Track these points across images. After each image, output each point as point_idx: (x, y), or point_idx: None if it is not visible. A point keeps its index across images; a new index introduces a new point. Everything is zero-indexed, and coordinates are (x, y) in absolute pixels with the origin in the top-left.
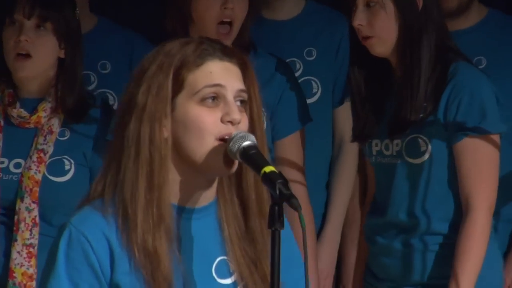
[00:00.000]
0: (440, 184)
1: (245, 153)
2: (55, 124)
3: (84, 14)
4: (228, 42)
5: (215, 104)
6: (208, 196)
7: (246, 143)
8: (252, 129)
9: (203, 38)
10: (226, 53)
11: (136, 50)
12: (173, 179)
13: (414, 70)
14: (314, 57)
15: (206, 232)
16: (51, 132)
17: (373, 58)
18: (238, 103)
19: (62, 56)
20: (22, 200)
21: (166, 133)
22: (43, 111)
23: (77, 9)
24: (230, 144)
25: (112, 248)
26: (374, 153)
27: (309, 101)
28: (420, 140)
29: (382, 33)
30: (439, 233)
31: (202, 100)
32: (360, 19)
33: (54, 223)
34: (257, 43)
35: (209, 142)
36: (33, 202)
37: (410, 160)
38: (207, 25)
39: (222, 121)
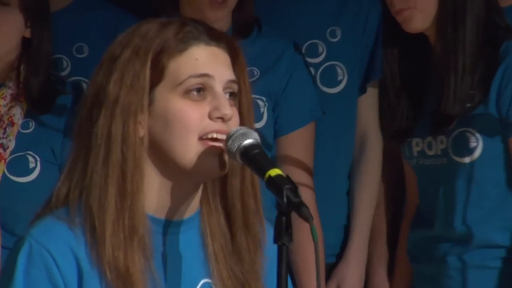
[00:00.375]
0: (497, 186)
1: (247, 153)
2: (17, 114)
3: None
4: (223, 15)
5: (202, 96)
6: (191, 206)
7: (248, 141)
8: (240, 125)
9: (185, 19)
10: (213, 36)
11: (121, 32)
12: (150, 185)
13: (458, 51)
14: (339, 38)
15: (188, 249)
16: (12, 123)
17: (410, 38)
18: (227, 95)
19: (28, 35)
20: None
21: (142, 130)
22: (2, 99)
23: None
24: (229, 143)
25: (81, 265)
26: (415, 154)
27: (333, 90)
28: (468, 135)
29: (420, 4)
30: (500, 245)
31: (186, 92)
32: None
33: (18, 233)
34: (268, 21)
35: (193, 142)
36: None
37: (458, 159)
38: None
39: (210, 117)
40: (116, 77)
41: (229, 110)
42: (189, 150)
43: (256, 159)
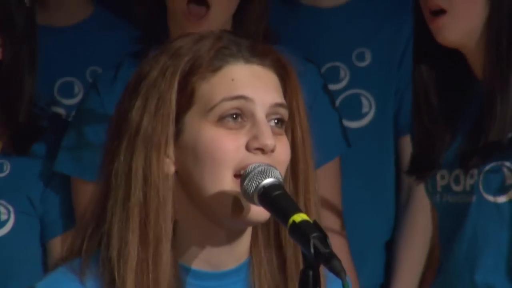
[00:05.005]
0: None
1: (267, 195)
2: None
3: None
4: (202, 29)
5: (239, 124)
6: (237, 255)
7: (268, 180)
8: (294, 161)
9: (223, 33)
10: (256, 52)
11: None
12: (182, 229)
13: (508, 74)
14: (368, 62)
15: None
16: None
17: (447, 53)
18: (273, 123)
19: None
20: None
21: (168, 166)
22: None
23: None
24: (246, 183)
25: None
26: (439, 189)
27: (356, 124)
28: (505, 170)
29: (460, 8)
30: None
31: (220, 119)
32: None
33: None
34: (287, 39)
35: (227, 179)
36: None
37: (490, 198)
38: (176, 4)
39: (248, 148)
40: (139, 102)
41: (270, 139)
42: (222, 189)
43: (277, 202)
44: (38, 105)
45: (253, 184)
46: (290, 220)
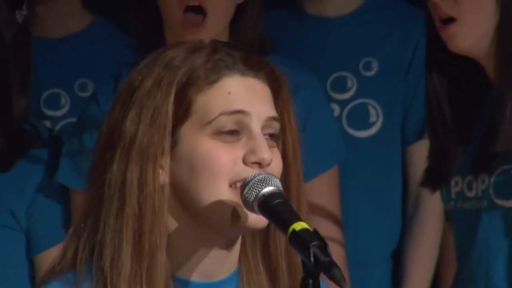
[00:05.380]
0: None
1: (267, 203)
2: None
3: (74, 10)
4: (200, 37)
5: (236, 138)
6: (227, 265)
7: (268, 189)
8: (285, 173)
9: (217, 44)
10: (250, 65)
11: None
12: (176, 241)
13: None
14: (375, 71)
15: None
16: None
17: (460, 61)
18: (267, 136)
19: None
20: None
21: (163, 177)
22: None
23: (24, 6)
24: (245, 191)
25: None
26: (453, 195)
27: (364, 134)
28: None
29: (470, 16)
30: None
31: (217, 133)
32: None
33: None
34: (290, 46)
35: (223, 190)
36: None
37: (501, 202)
38: (172, 14)
39: (245, 162)
40: (133, 113)
41: (267, 153)
42: (219, 199)
43: (277, 210)
44: (28, 120)
45: (253, 192)
46: (290, 229)
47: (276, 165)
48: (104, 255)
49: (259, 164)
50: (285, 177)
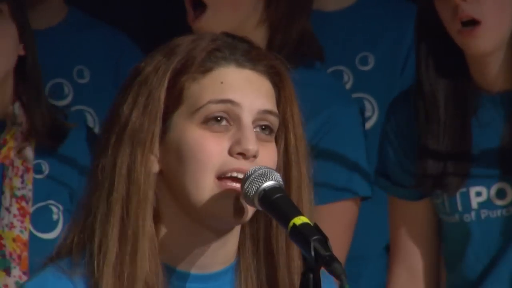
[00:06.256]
0: None
1: (267, 198)
2: (29, 156)
3: (51, 2)
4: (205, 30)
5: (224, 128)
6: (222, 257)
7: (269, 183)
8: (286, 169)
9: (220, 34)
10: (250, 57)
11: (126, 54)
12: (166, 228)
13: None
14: (371, 66)
15: None
16: (27, 169)
17: (450, 54)
18: (259, 129)
19: (22, 53)
20: (8, 273)
21: (153, 163)
22: (13, 140)
23: None
24: (246, 185)
25: None
26: (475, 206)
27: None
28: None
29: (493, 17)
30: None
31: (206, 121)
32: None
33: None
34: None
35: (209, 181)
36: (24, 274)
37: None
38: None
39: (230, 152)
40: (130, 98)
41: (253, 145)
42: (203, 191)
43: (277, 204)
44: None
45: (253, 187)
46: (291, 223)
47: (265, 159)
48: (94, 238)
49: (244, 155)
50: (286, 173)
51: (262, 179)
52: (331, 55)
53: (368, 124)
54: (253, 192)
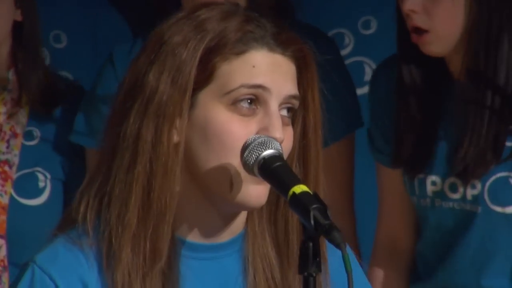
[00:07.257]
0: None
1: (267, 166)
2: (20, 121)
3: None
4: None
5: (252, 111)
6: (232, 228)
7: (268, 152)
8: (305, 150)
9: (251, 13)
10: (280, 41)
11: (103, 16)
12: (182, 202)
13: (488, 82)
14: (373, 30)
15: (225, 277)
16: (15, 134)
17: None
18: (284, 112)
19: (19, 18)
20: None
21: (178, 137)
22: (3, 105)
23: None
24: (246, 154)
25: None
26: (430, 193)
27: (358, 91)
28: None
29: (442, 28)
30: None
31: (235, 103)
32: (414, 2)
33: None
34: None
35: (233, 165)
36: (1, 237)
37: (498, 209)
38: None
39: None
40: (156, 67)
41: (280, 133)
42: (226, 174)
43: (277, 173)
44: (49, 69)
45: (253, 155)
46: (290, 192)
47: (287, 144)
48: (112, 206)
49: None
50: (304, 153)
51: (261, 147)
52: (333, 18)
53: (367, 88)
54: (253, 161)
